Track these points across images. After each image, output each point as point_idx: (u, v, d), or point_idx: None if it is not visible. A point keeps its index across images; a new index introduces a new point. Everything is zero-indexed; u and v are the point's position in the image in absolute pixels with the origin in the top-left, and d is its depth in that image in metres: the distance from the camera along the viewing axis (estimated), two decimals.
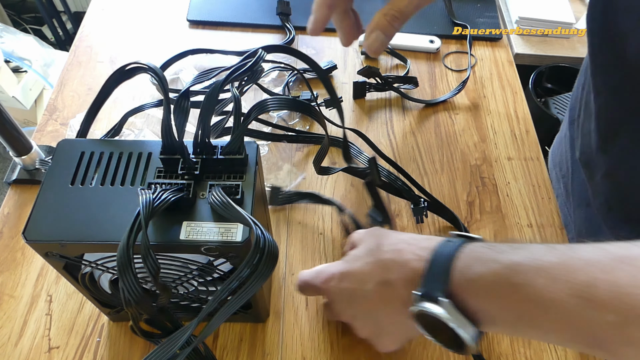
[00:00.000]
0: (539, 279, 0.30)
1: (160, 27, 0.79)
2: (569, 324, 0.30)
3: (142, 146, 0.40)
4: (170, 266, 0.38)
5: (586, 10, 0.48)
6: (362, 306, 0.42)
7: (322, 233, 0.58)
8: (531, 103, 1.22)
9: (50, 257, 0.37)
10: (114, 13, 0.81)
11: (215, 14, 0.80)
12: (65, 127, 0.66)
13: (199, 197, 0.37)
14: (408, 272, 0.37)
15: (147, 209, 0.32)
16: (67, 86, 0.70)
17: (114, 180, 0.38)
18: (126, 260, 0.31)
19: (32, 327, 0.50)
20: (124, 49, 0.76)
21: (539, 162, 0.67)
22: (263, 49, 0.45)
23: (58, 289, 0.52)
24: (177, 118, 0.37)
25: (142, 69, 0.39)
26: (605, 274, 0.28)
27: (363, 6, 0.84)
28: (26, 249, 0.55)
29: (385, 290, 0.39)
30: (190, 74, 0.70)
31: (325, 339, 0.51)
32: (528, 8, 1.13)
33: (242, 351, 0.49)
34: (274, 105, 0.42)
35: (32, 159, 0.58)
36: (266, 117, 0.67)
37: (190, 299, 0.45)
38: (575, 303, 0.29)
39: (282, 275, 0.54)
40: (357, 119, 0.70)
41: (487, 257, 0.34)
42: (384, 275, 0.39)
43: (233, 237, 0.35)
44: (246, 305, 0.48)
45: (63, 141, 0.40)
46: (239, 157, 0.38)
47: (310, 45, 0.78)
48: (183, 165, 0.37)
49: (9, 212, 0.57)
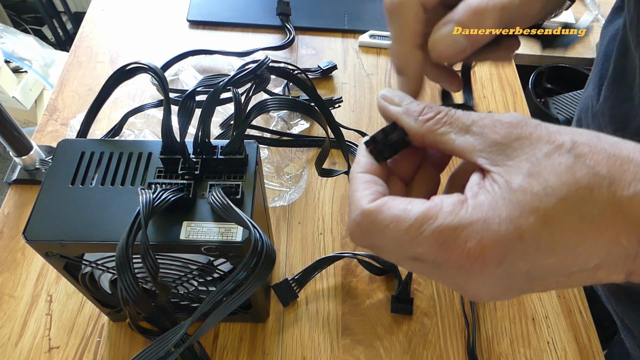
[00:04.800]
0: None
1: (160, 27, 0.79)
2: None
3: (142, 146, 0.40)
4: (171, 266, 0.39)
5: (591, 9, 0.45)
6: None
7: (322, 233, 0.58)
8: (531, 103, 1.22)
9: (51, 257, 0.37)
10: (114, 13, 0.81)
11: (215, 14, 0.80)
12: (65, 127, 0.66)
13: (199, 197, 0.37)
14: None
15: (147, 209, 0.32)
16: (67, 86, 0.70)
17: (114, 180, 0.38)
18: (125, 259, 0.31)
19: (32, 327, 0.50)
20: (124, 49, 0.76)
21: None
22: (267, 68, 0.43)
23: (58, 289, 0.52)
24: (181, 118, 0.37)
25: (142, 69, 0.39)
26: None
27: (363, 6, 0.85)
28: (26, 249, 0.55)
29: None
30: (190, 74, 0.70)
31: (325, 339, 0.51)
32: None
33: (242, 351, 0.49)
34: (274, 106, 0.42)
35: (32, 159, 0.58)
36: (266, 117, 0.67)
37: (190, 299, 0.45)
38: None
39: (282, 275, 0.55)
40: (357, 119, 0.70)
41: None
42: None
43: (233, 237, 0.35)
44: (246, 305, 0.48)
45: (63, 141, 0.40)
46: (239, 157, 0.38)
47: (310, 45, 0.78)
48: (183, 165, 0.37)
49: (9, 212, 0.57)
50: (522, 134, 0.22)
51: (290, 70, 0.50)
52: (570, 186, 0.20)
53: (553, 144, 0.21)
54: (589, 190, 0.20)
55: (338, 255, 0.54)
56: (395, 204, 0.23)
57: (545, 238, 0.20)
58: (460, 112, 0.24)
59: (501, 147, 0.22)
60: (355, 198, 0.24)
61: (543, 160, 0.21)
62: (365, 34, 0.78)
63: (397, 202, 0.23)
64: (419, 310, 0.53)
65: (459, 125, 0.23)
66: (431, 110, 0.25)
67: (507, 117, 0.23)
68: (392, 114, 0.26)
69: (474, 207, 0.21)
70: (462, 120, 0.23)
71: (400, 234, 0.22)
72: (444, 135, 0.24)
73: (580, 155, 0.20)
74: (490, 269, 0.21)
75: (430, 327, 0.52)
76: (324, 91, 0.72)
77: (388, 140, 0.26)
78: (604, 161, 0.20)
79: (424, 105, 0.25)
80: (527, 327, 0.53)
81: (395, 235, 0.22)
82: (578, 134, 0.21)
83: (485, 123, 0.23)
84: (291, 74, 0.48)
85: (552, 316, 0.53)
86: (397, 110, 0.26)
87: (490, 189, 0.21)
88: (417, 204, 0.22)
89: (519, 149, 0.21)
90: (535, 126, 0.22)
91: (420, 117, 0.24)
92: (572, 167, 0.20)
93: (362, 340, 0.50)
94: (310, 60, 0.76)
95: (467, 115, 0.24)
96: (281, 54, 0.76)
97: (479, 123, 0.23)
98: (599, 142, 0.21)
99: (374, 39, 0.78)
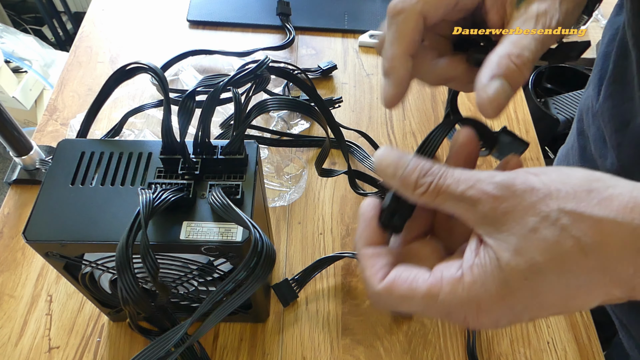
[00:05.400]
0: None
1: (160, 27, 0.79)
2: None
3: (142, 146, 0.40)
4: (171, 266, 0.39)
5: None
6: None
7: (322, 233, 0.58)
8: (531, 103, 1.22)
9: (51, 257, 0.37)
10: (114, 13, 0.81)
11: (215, 14, 0.80)
12: (65, 127, 0.66)
13: (199, 197, 0.37)
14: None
15: (147, 209, 0.32)
16: (67, 86, 0.70)
17: (114, 180, 0.38)
18: (125, 259, 0.31)
19: (32, 327, 0.50)
20: (124, 49, 0.76)
21: (539, 163, 0.67)
22: (267, 68, 0.43)
23: (58, 289, 0.52)
24: (181, 118, 0.37)
25: (142, 69, 0.39)
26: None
27: (363, 6, 0.85)
28: (26, 249, 0.55)
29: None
30: (189, 74, 0.70)
31: (325, 339, 0.51)
32: None
33: (242, 351, 0.49)
34: (274, 106, 0.42)
35: (32, 159, 0.58)
36: (266, 117, 0.67)
37: (191, 299, 0.45)
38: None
39: (282, 275, 0.55)
40: (357, 119, 0.70)
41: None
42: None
43: (233, 237, 0.35)
44: (246, 306, 0.48)
45: (63, 141, 0.40)
46: (239, 157, 0.38)
47: (310, 45, 0.78)
48: (183, 165, 0.37)
49: (9, 212, 0.57)
50: (508, 208, 0.23)
51: (290, 70, 0.50)
52: (555, 262, 0.22)
53: (539, 216, 0.22)
54: (575, 262, 0.21)
55: (338, 255, 0.54)
56: (401, 282, 0.25)
57: (535, 305, 0.23)
58: (450, 179, 0.25)
59: (491, 220, 0.23)
60: (366, 278, 0.27)
61: (529, 236, 0.22)
62: (365, 34, 0.78)
63: (403, 279, 0.25)
64: None
65: (452, 196, 0.24)
66: (424, 180, 0.25)
67: (491, 187, 0.23)
68: (389, 185, 0.27)
69: (469, 286, 0.23)
70: (452, 190, 0.24)
71: (412, 307, 0.25)
72: (442, 204, 0.25)
73: (565, 228, 0.22)
74: (486, 327, 0.24)
75: (430, 327, 0.52)
76: (324, 91, 0.72)
77: (396, 210, 0.28)
78: (590, 231, 0.21)
79: (417, 174, 0.26)
80: (527, 327, 0.53)
81: (407, 307, 0.26)
82: (566, 198, 0.22)
83: (473, 195, 0.24)
84: (291, 74, 0.48)
85: (552, 316, 0.53)
86: (394, 184, 0.27)
87: (484, 261, 0.23)
88: (420, 281, 0.25)
89: (506, 223, 0.23)
90: (521, 195, 0.23)
91: (415, 191, 0.26)
92: (558, 241, 0.22)
93: (362, 340, 0.50)
94: (310, 60, 0.76)
95: (456, 183, 0.24)
96: (281, 54, 0.77)
97: (467, 193, 0.24)
98: (588, 206, 0.22)
99: (374, 39, 0.78)
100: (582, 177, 0.23)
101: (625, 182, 0.22)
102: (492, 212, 0.23)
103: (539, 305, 0.23)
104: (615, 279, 0.22)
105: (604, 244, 0.21)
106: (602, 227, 0.21)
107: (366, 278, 0.27)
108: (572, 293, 0.22)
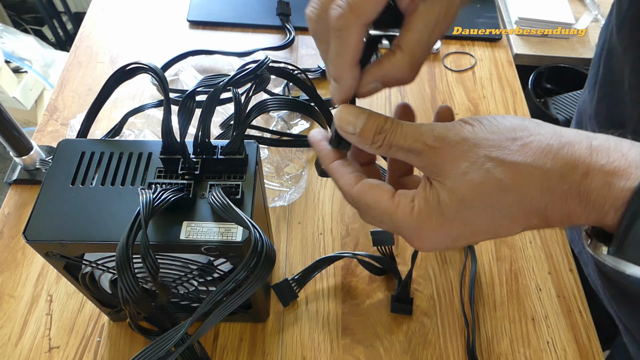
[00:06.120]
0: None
1: (160, 27, 0.79)
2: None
3: (143, 146, 0.40)
4: (171, 266, 0.39)
5: (591, 9, 0.45)
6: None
7: (322, 233, 0.58)
8: (531, 103, 1.22)
9: (51, 257, 0.37)
10: (114, 13, 0.81)
11: (215, 15, 0.80)
12: (65, 127, 0.66)
13: (199, 197, 0.37)
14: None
15: (147, 209, 0.32)
16: (67, 86, 0.70)
17: (114, 180, 0.38)
18: (125, 259, 0.31)
19: (32, 327, 0.50)
20: (124, 49, 0.76)
21: None
22: (267, 68, 0.43)
23: (58, 289, 0.52)
24: (181, 118, 0.37)
25: (142, 69, 0.39)
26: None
27: None
28: (26, 249, 0.55)
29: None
30: (189, 74, 0.70)
31: (325, 339, 0.51)
32: (528, 8, 1.13)
33: (242, 351, 0.49)
34: (274, 106, 0.42)
35: (32, 159, 0.58)
36: (266, 117, 0.67)
37: (191, 299, 0.45)
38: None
39: (282, 275, 0.55)
40: None
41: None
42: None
43: (233, 237, 0.35)
44: (246, 305, 0.48)
45: (63, 141, 0.40)
46: (239, 157, 0.38)
47: (310, 45, 0.78)
48: (183, 165, 0.37)
49: (9, 212, 0.57)
50: (445, 156, 0.28)
51: (290, 70, 0.50)
52: (481, 198, 0.27)
53: (468, 161, 0.27)
54: (496, 198, 0.27)
55: (338, 255, 0.54)
56: (371, 194, 0.30)
57: (467, 232, 0.28)
58: (399, 135, 0.29)
59: (432, 166, 0.28)
60: (341, 186, 0.32)
61: (461, 177, 0.27)
62: None
63: (372, 193, 0.30)
64: (418, 310, 0.53)
65: (401, 148, 0.29)
66: (378, 137, 0.30)
67: (431, 140, 0.28)
68: (350, 140, 0.31)
69: (417, 215, 0.29)
70: (401, 144, 0.29)
71: (374, 216, 0.31)
72: (394, 155, 0.30)
73: (489, 171, 0.26)
74: (428, 249, 0.31)
75: (430, 327, 0.52)
76: (324, 91, 0.72)
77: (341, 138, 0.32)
78: (510, 173, 0.26)
79: (372, 132, 0.30)
80: (527, 327, 0.53)
81: (370, 215, 0.31)
82: (492, 146, 0.27)
83: (417, 147, 0.29)
84: (291, 74, 0.48)
85: (552, 316, 0.53)
86: (354, 139, 0.31)
87: (428, 196, 0.29)
88: (384, 199, 0.30)
89: (443, 168, 0.28)
90: (455, 145, 0.27)
91: (372, 146, 0.30)
92: (483, 182, 0.26)
93: (362, 340, 0.50)
94: (310, 60, 0.76)
95: (404, 138, 0.29)
96: (281, 54, 0.77)
97: (412, 146, 0.29)
98: (510, 153, 0.26)
99: None
100: (509, 126, 0.27)
101: (548, 129, 0.27)
102: (433, 160, 0.28)
103: (471, 232, 0.28)
104: (531, 211, 0.27)
105: (519, 184, 0.26)
106: (520, 170, 0.26)
107: (341, 187, 0.32)
108: (497, 222, 0.28)
